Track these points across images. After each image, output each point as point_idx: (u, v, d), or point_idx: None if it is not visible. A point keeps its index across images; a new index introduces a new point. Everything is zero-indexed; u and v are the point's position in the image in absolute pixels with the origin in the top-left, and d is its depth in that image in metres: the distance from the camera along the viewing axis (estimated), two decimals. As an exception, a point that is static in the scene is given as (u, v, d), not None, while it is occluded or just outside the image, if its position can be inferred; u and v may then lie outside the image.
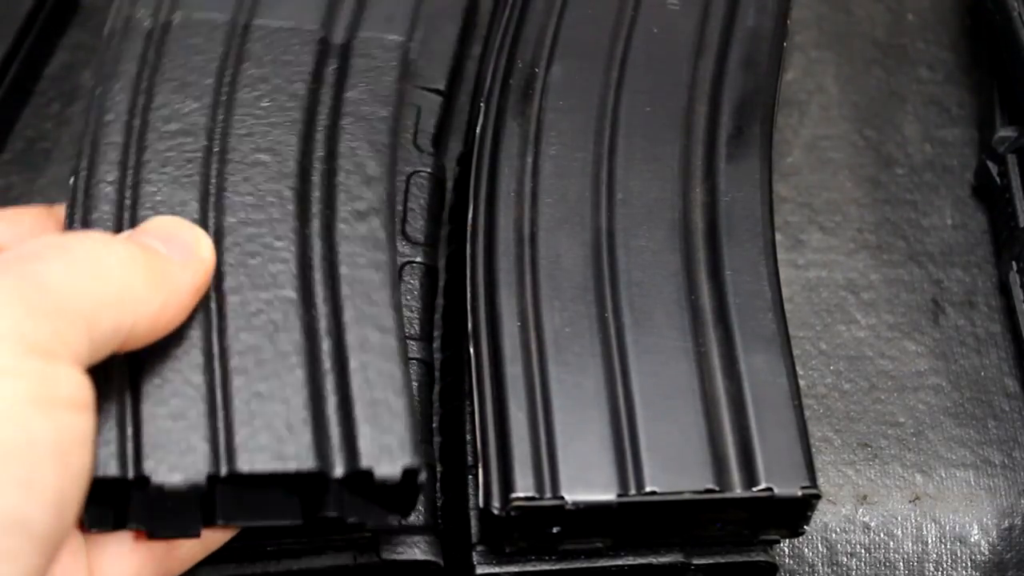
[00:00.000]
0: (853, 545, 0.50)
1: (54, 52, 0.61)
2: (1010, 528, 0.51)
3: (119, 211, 0.41)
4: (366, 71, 0.46)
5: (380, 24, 0.47)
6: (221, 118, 0.43)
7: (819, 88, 0.61)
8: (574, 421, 0.42)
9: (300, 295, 0.40)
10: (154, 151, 0.42)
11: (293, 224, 0.42)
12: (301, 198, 0.42)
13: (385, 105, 0.45)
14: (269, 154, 0.43)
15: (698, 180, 0.48)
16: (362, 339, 0.40)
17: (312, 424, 0.38)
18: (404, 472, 0.37)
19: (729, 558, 0.44)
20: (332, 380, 0.39)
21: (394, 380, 0.39)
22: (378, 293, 0.41)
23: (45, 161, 0.57)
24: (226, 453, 0.37)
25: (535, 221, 0.46)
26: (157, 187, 0.42)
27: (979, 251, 0.57)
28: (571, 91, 0.49)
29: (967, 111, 0.61)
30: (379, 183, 0.43)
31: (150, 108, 0.43)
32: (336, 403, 0.38)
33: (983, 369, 0.54)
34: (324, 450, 0.37)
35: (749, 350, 0.44)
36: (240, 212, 0.41)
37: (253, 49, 0.45)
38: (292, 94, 0.44)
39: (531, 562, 0.43)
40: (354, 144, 0.44)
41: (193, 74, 0.44)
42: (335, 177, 0.43)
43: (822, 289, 0.56)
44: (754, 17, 0.52)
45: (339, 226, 0.42)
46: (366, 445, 0.38)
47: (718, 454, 0.41)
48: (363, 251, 0.42)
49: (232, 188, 0.42)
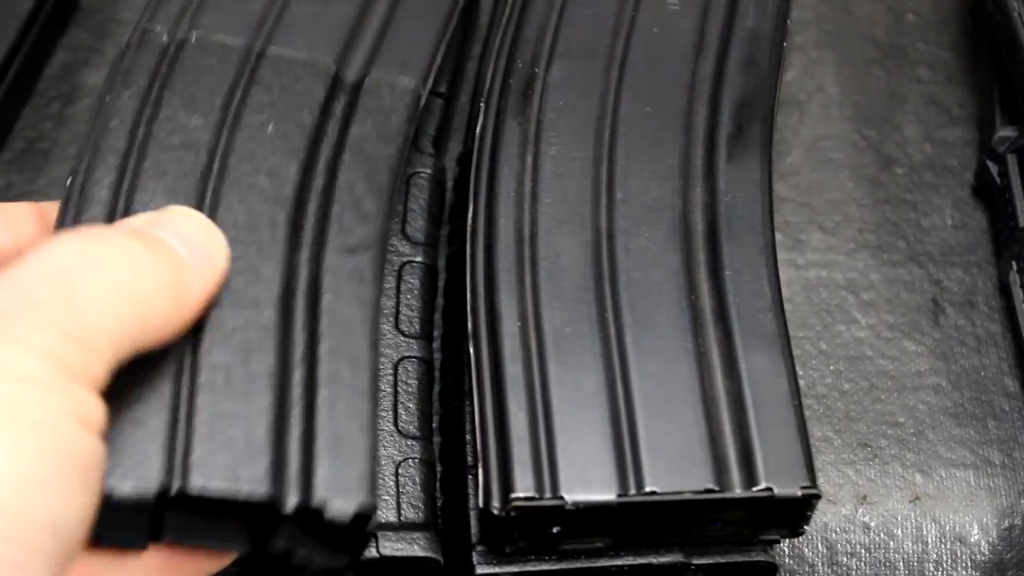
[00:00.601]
0: (853, 545, 0.50)
1: (54, 52, 0.61)
2: (1010, 528, 0.51)
3: (111, 215, 0.41)
4: (374, 110, 0.46)
5: (394, 66, 0.47)
6: (225, 137, 0.43)
7: (819, 88, 0.61)
8: (574, 421, 0.42)
9: (279, 320, 0.40)
10: (154, 161, 0.42)
11: (282, 249, 0.41)
12: (294, 225, 0.42)
13: (388, 145, 0.45)
14: (268, 178, 0.43)
15: (698, 180, 0.48)
16: (335, 372, 0.39)
17: (271, 451, 0.37)
18: (356, 512, 0.37)
19: (729, 558, 0.44)
20: (299, 409, 0.38)
21: (360, 418, 0.38)
22: (357, 329, 0.40)
23: (45, 161, 0.57)
24: (181, 469, 0.36)
25: (535, 221, 0.46)
26: (151, 195, 0.41)
27: (979, 251, 0.57)
28: (571, 91, 0.49)
29: (967, 111, 0.61)
30: (374, 220, 0.43)
31: (156, 119, 0.43)
32: (299, 433, 0.38)
33: (983, 369, 0.54)
34: (279, 479, 0.37)
35: (749, 350, 0.44)
36: (231, 231, 0.41)
37: (265, 76, 0.45)
38: (298, 123, 0.45)
39: (531, 562, 0.43)
40: (353, 179, 0.44)
41: (203, 92, 0.44)
42: (330, 209, 0.43)
43: (822, 289, 0.56)
44: (754, 17, 0.52)
45: (327, 258, 0.42)
46: (322, 480, 0.37)
47: (718, 454, 0.41)
48: (348, 286, 0.41)
49: (226, 206, 0.42)
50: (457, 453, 0.46)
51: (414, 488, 0.45)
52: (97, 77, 0.60)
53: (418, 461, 0.46)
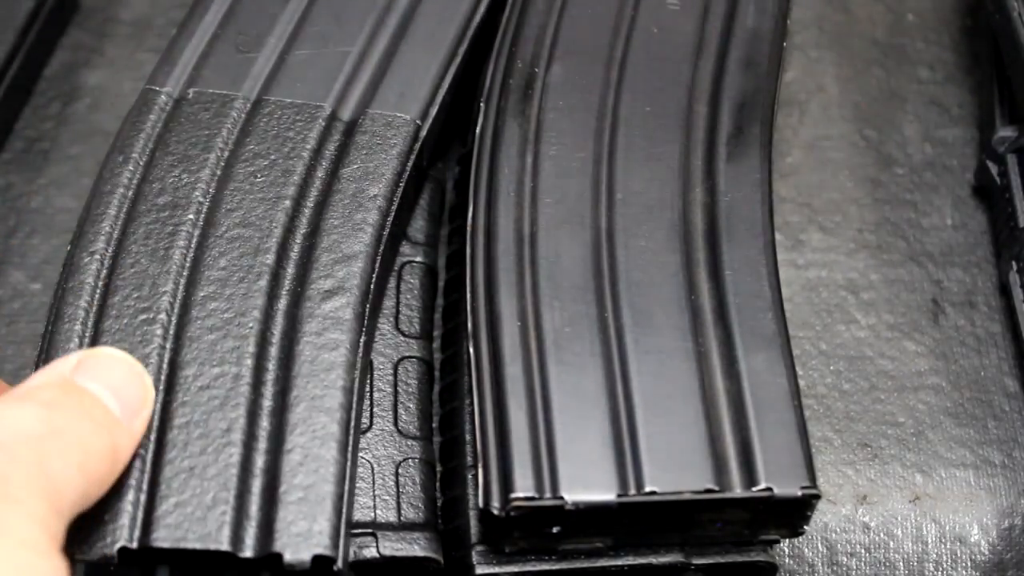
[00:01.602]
0: (853, 545, 0.50)
1: (54, 52, 0.61)
2: (1010, 528, 0.51)
3: (95, 282, 0.42)
4: (365, 148, 0.46)
5: (391, 101, 0.48)
6: (212, 192, 0.44)
7: (819, 88, 0.61)
8: (574, 421, 0.42)
9: (251, 373, 0.41)
10: (140, 223, 0.43)
11: (261, 301, 0.42)
12: (274, 275, 0.43)
13: (376, 183, 0.45)
14: (252, 229, 0.44)
15: (698, 180, 0.48)
16: (302, 420, 0.40)
17: (234, 503, 0.38)
18: (315, 559, 0.38)
19: (729, 558, 0.44)
20: (264, 460, 0.39)
21: (326, 466, 0.39)
22: (329, 375, 0.41)
23: (45, 161, 0.57)
24: (142, 525, 0.37)
25: (535, 221, 0.46)
26: (135, 259, 0.42)
27: (979, 251, 0.57)
28: (571, 91, 0.49)
29: (967, 111, 0.61)
30: (355, 262, 0.44)
31: (146, 180, 0.44)
32: (263, 484, 0.39)
33: (983, 369, 0.54)
34: (239, 531, 0.38)
35: (749, 350, 0.44)
36: (211, 287, 0.42)
37: (259, 124, 0.46)
38: (287, 170, 0.45)
39: (531, 562, 0.43)
40: (336, 221, 0.44)
41: (194, 148, 0.45)
42: (312, 253, 0.44)
43: (822, 289, 0.56)
44: (754, 17, 0.52)
45: (305, 304, 0.43)
46: (282, 529, 0.38)
47: (718, 454, 0.41)
48: (322, 330, 0.42)
49: (208, 262, 0.43)
50: (457, 453, 0.46)
51: (414, 488, 0.45)
52: (97, 77, 0.60)
53: (418, 461, 0.46)
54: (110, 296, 0.42)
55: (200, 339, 0.41)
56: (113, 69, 0.60)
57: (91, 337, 0.41)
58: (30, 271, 0.54)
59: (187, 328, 0.41)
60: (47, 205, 0.56)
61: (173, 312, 0.42)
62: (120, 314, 0.41)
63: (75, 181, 0.57)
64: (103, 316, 0.41)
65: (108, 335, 0.41)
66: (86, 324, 0.41)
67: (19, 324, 0.53)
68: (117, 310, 0.41)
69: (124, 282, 0.42)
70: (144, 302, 0.42)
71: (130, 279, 0.42)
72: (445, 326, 0.51)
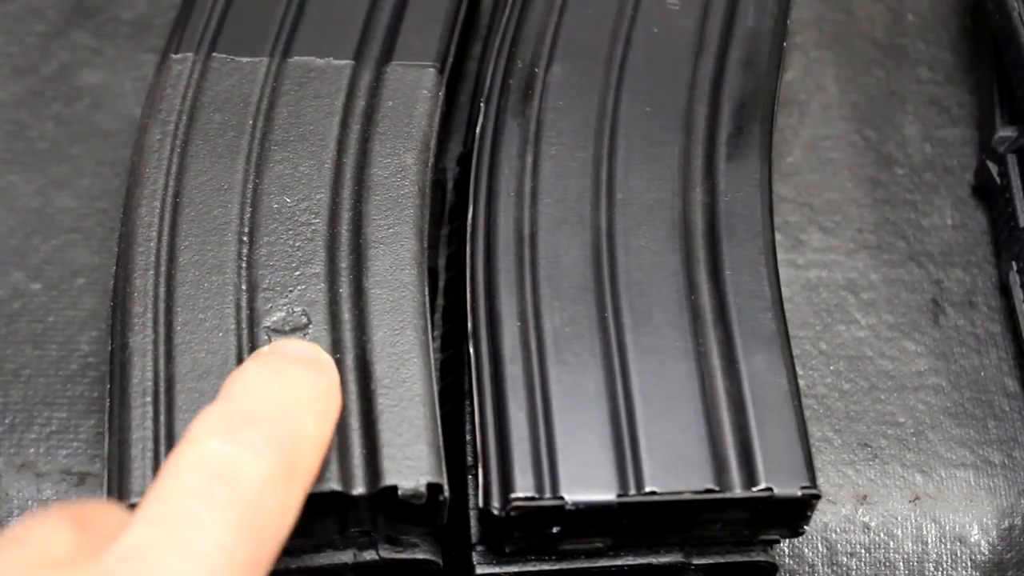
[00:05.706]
0: (853, 545, 0.50)
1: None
2: (1010, 528, 0.51)
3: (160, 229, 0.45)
4: (395, 102, 0.49)
5: (413, 54, 0.50)
6: (252, 176, 0.46)
7: (819, 88, 0.61)
8: (574, 421, 0.42)
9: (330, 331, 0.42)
10: (191, 211, 0.45)
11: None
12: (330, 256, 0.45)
13: (412, 138, 0.48)
14: (301, 180, 0.46)
15: (698, 180, 0.48)
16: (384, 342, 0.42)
17: (336, 446, 0.39)
18: (428, 487, 0.39)
19: (729, 558, 0.44)
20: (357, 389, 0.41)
21: (418, 394, 0.41)
22: (400, 304, 0.43)
23: (45, 161, 0.57)
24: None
25: (535, 221, 0.46)
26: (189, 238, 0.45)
27: (979, 251, 0.57)
28: (571, 91, 0.49)
29: (967, 111, 0.61)
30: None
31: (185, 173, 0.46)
32: (361, 415, 0.40)
33: (983, 369, 0.54)
34: (347, 471, 0.39)
35: (749, 350, 0.44)
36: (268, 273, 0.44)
37: (285, 106, 0.48)
38: (323, 136, 0.48)
39: (531, 562, 0.43)
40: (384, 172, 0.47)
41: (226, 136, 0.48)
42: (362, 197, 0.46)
43: (822, 289, 0.56)
44: (754, 17, 0.52)
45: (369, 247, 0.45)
46: (389, 460, 0.39)
47: (718, 454, 0.41)
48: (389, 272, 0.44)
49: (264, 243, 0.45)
50: (457, 453, 0.46)
51: (414, 488, 0.45)
52: (97, 77, 0.60)
53: (418, 461, 0.46)
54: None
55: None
56: (113, 69, 0.60)
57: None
58: (30, 271, 0.54)
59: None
60: (47, 205, 0.56)
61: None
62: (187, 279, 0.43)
63: (75, 181, 0.57)
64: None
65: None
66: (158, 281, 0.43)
67: (19, 324, 0.53)
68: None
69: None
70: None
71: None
72: (445, 326, 0.51)
